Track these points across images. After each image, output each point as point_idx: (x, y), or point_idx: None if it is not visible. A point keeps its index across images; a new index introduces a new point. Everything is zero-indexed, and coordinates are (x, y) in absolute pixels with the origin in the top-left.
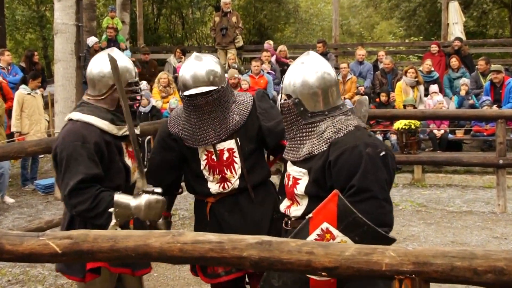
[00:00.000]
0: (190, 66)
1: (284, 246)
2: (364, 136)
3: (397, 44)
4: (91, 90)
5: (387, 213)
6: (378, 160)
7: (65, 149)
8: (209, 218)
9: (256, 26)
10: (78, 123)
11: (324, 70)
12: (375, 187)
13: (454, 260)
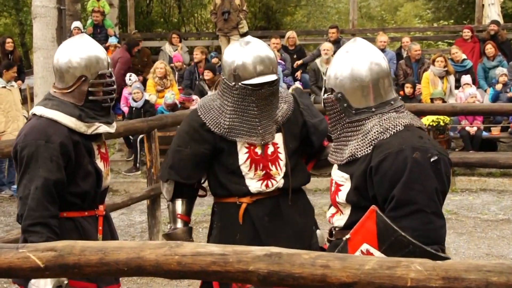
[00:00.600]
0: (248, 52)
1: (296, 258)
2: (413, 138)
3: (424, 29)
4: (58, 82)
5: (436, 229)
6: (427, 166)
7: (26, 147)
8: (242, 222)
9: (263, 10)
10: (42, 119)
11: (371, 59)
12: (422, 199)
13: (489, 275)
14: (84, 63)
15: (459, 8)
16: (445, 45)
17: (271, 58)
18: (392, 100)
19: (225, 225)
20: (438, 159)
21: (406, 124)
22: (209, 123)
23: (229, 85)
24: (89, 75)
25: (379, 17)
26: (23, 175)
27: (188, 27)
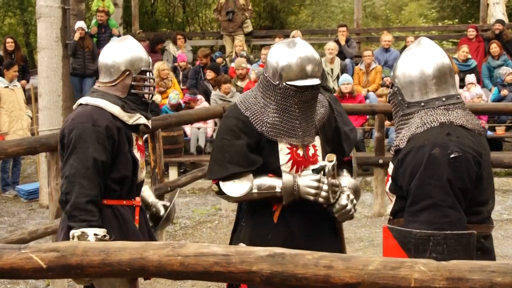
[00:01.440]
0: (296, 53)
1: (299, 259)
2: (440, 134)
3: (428, 28)
4: (102, 77)
5: (453, 222)
6: (444, 162)
7: (73, 129)
8: (277, 221)
9: (267, 9)
10: (88, 106)
11: (424, 57)
12: (437, 193)
13: (493, 275)
14: (129, 58)
15: (463, 7)
16: (449, 45)
17: (317, 61)
18: (445, 97)
19: (257, 223)
20: (458, 156)
21: (443, 121)
22: (253, 119)
23: (273, 84)
24: (133, 70)
25: (384, 16)
26: (70, 155)
27: (193, 26)
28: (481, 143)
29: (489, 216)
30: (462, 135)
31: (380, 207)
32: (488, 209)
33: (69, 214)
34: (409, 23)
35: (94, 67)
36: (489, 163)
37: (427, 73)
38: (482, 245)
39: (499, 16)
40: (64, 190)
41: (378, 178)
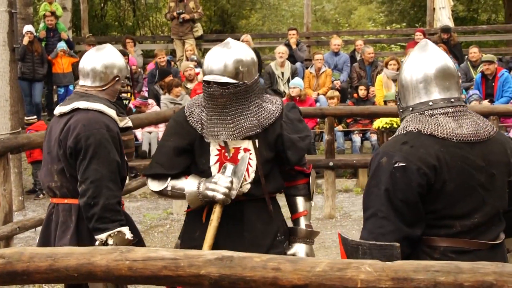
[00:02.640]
0: (217, 50)
1: (248, 261)
2: (395, 144)
3: (377, 32)
4: (90, 81)
5: (385, 233)
6: (386, 172)
7: (91, 136)
8: (204, 221)
9: (218, 13)
10: (91, 111)
11: (414, 61)
12: (377, 203)
13: (437, 275)
14: (118, 65)
15: (411, 12)
16: (397, 48)
17: (240, 63)
18: (432, 101)
19: (189, 221)
20: (401, 166)
21: (410, 129)
22: (190, 118)
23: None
24: (121, 76)
25: (334, 20)
26: (91, 160)
27: (143, 30)
28: (453, 152)
29: (468, 230)
30: (420, 145)
31: (331, 209)
32: (465, 223)
33: (98, 216)
34: (358, 27)
35: (44, 72)
36: (468, 174)
37: (415, 77)
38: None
39: (445, 20)
40: (91, 194)
41: (329, 180)
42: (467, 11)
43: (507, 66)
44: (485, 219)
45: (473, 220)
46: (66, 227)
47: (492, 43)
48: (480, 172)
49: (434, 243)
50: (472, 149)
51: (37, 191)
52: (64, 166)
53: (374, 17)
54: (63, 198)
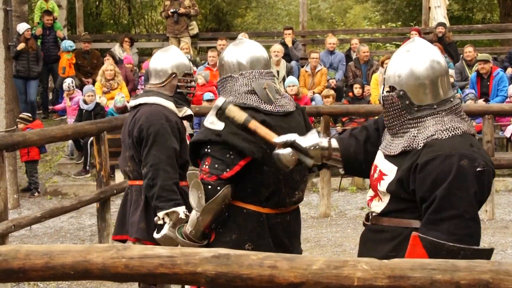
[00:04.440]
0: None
1: (244, 259)
2: (464, 145)
3: (372, 31)
4: (153, 79)
5: (473, 234)
6: (471, 175)
7: (151, 126)
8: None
9: (213, 11)
10: (152, 105)
11: (433, 57)
12: (462, 205)
13: (434, 273)
14: (174, 63)
15: (406, 11)
16: (393, 47)
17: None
18: (452, 98)
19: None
20: (484, 170)
21: (464, 130)
22: None
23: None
24: (178, 73)
25: (329, 19)
26: (151, 146)
27: (138, 28)
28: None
29: None
30: (480, 147)
31: (326, 208)
32: None
33: (157, 196)
34: (353, 25)
35: (39, 69)
36: None
37: (437, 75)
38: None
39: (440, 19)
40: (151, 176)
41: (324, 179)
42: (462, 10)
43: (502, 65)
44: None
45: None
46: (137, 205)
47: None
48: None
49: None
50: None
51: (32, 189)
52: (134, 153)
53: (369, 16)
54: (135, 180)
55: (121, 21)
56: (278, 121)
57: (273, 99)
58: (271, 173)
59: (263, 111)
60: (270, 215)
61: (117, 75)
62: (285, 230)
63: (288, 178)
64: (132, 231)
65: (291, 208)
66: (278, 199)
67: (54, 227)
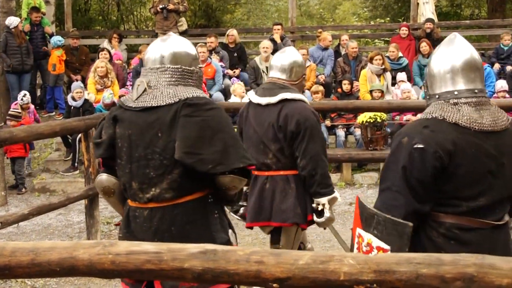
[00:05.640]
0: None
1: (231, 255)
2: (417, 127)
3: (361, 27)
4: (283, 75)
5: (398, 206)
6: (405, 151)
7: (308, 120)
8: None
9: (203, 7)
10: (298, 101)
11: (442, 53)
12: (393, 178)
13: (419, 267)
14: (303, 65)
15: (395, 7)
16: (382, 43)
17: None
18: (457, 91)
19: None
20: (421, 148)
21: (435, 115)
22: None
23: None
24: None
25: (318, 15)
26: (309, 140)
27: (127, 25)
28: (469, 140)
29: (472, 211)
30: (440, 131)
31: None
32: (470, 204)
33: (318, 183)
34: (343, 21)
35: (31, 62)
36: (480, 162)
37: (443, 68)
38: (456, 236)
39: (428, 15)
40: (312, 167)
41: None
42: (451, 6)
43: (490, 61)
44: (489, 202)
45: (478, 203)
46: (286, 193)
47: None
48: (491, 160)
49: (441, 219)
50: (488, 139)
51: (19, 186)
52: (284, 146)
53: (358, 12)
54: (279, 170)
55: (110, 17)
56: (131, 115)
57: (137, 95)
58: (122, 166)
59: (125, 107)
60: (131, 207)
61: (110, 72)
62: (142, 226)
63: (138, 173)
64: (286, 217)
65: (151, 205)
66: (130, 193)
67: (42, 224)
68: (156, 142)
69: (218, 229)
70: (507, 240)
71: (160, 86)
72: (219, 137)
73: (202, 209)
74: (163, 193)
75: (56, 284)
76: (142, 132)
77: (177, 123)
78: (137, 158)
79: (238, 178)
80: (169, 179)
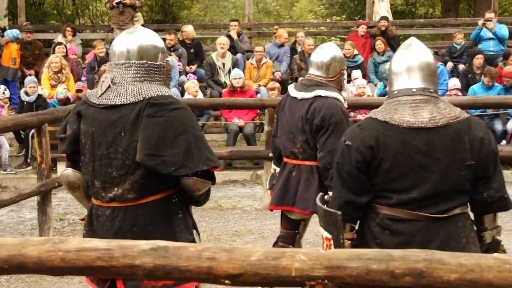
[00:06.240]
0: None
1: (183, 251)
2: (353, 126)
3: (317, 24)
4: (321, 72)
5: (334, 198)
6: (340, 149)
7: (334, 116)
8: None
9: (159, 3)
10: (330, 98)
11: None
12: (333, 174)
13: (370, 262)
14: (342, 60)
15: (351, 4)
16: (338, 40)
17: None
18: (397, 91)
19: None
20: (348, 145)
21: (370, 115)
22: None
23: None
24: (344, 70)
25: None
26: (330, 135)
27: (83, 19)
28: (396, 136)
29: (405, 203)
30: (367, 128)
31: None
32: (402, 197)
33: (331, 177)
34: (300, 19)
35: None
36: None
37: (392, 68)
38: (389, 226)
39: (384, 13)
40: (328, 161)
41: (268, 171)
42: (406, 5)
43: (443, 60)
44: (423, 195)
45: (410, 195)
46: (309, 183)
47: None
48: (422, 156)
49: (377, 210)
50: (418, 135)
51: None
52: (309, 138)
53: (315, 10)
54: (305, 160)
55: (65, 11)
56: (94, 112)
57: (100, 92)
58: (85, 163)
59: (89, 103)
60: (94, 205)
61: (65, 67)
62: (104, 225)
63: (101, 171)
64: (307, 205)
65: (113, 204)
66: (93, 191)
67: None
68: (119, 142)
69: (182, 229)
70: (451, 233)
71: (125, 82)
72: (183, 139)
73: (166, 210)
74: (126, 194)
75: (7, 282)
76: (105, 131)
77: (140, 123)
78: (100, 156)
79: (201, 181)
80: (131, 180)
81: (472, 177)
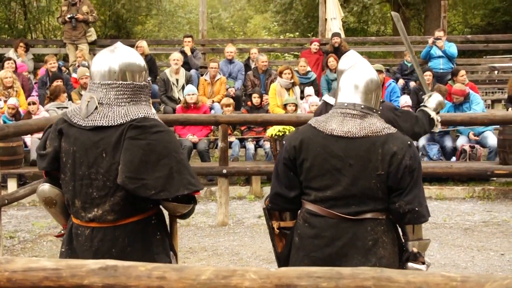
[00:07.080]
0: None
1: (132, 270)
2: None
3: (271, 41)
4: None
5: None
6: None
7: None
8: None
9: (113, 18)
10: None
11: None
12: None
13: (319, 280)
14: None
15: (304, 22)
16: (291, 57)
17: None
18: (335, 104)
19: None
20: (283, 144)
21: (309, 121)
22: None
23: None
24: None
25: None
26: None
27: (35, 34)
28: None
29: (322, 200)
30: (300, 132)
31: (224, 216)
32: (318, 194)
33: None
34: (254, 35)
35: None
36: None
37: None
38: (308, 219)
39: (336, 31)
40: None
41: (222, 187)
42: (358, 22)
43: (394, 77)
44: (336, 195)
45: (325, 194)
46: None
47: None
48: (337, 160)
49: (303, 204)
50: (337, 142)
51: None
52: None
53: (268, 26)
54: None
55: (16, 26)
56: (76, 132)
57: (87, 113)
58: (65, 182)
59: (70, 122)
60: (74, 224)
61: (15, 82)
62: (83, 245)
63: (82, 191)
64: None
65: (92, 224)
66: (73, 210)
67: None
68: (100, 163)
69: (160, 251)
70: (359, 234)
71: (112, 104)
72: (165, 163)
73: (144, 231)
74: (105, 215)
75: None
76: (87, 151)
77: (122, 145)
78: (80, 176)
79: (182, 205)
80: (111, 201)
81: (384, 186)
